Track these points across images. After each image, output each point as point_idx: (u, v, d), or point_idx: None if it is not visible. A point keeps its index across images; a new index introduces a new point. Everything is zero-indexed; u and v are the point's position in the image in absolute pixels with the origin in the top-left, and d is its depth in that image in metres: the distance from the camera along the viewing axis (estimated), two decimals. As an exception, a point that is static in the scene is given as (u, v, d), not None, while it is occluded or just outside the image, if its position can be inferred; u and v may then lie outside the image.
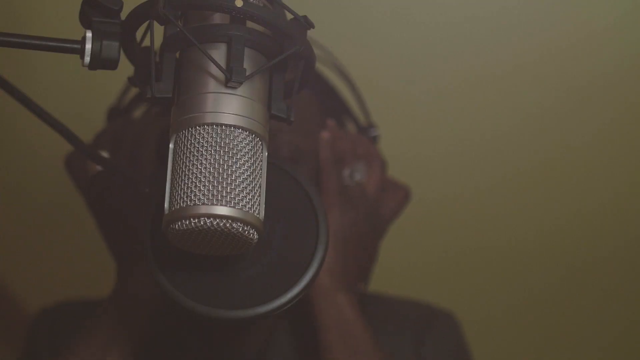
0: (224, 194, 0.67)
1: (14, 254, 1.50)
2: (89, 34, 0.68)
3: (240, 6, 0.67)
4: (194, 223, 0.67)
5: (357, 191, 1.02)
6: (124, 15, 0.70)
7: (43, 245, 1.50)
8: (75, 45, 0.68)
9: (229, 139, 0.68)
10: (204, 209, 0.66)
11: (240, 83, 0.68)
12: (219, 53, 0.69)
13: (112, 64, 0.68)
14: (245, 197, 0.67)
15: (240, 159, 0.68)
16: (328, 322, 0.97)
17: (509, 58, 1.48)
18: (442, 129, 1.51)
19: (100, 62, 0.68)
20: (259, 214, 0.68)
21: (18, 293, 1.50)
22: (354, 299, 0.99)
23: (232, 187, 0.67)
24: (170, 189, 0.69)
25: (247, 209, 0.67)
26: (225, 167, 0.67)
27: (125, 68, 0.74)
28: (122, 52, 0.69)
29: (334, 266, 0.98)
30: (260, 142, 0.70)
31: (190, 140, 0.68)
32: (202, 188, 0.67)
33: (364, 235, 1.02)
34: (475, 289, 1.56)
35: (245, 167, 0.68)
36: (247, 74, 0.69)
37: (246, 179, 0.68)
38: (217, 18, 0.71)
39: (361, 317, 0.98)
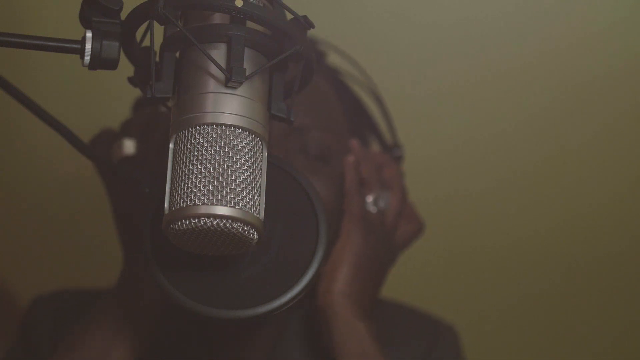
0: (224, 194, 0.67)
1: (10, 250, 1.50)
2: (89, 34, 0.68)
3: (240, 6, 0.67)
4: (194, 223, 0.67)
5: (378, 219, 1.02)
6: (124, 15, 0.70)
7: (40, 241, 1.50)
8: (75, 45, 0.68)
9: (229, 139, 0.68)
10: (203, 209, 0.66)
11: (240, 83, 0.68)
12: (219, 53, 0.69)
13: (112, 64, 0.68)
14: (245, 197, 0.67)
15: (240, 159, 0.68)
16: (348, 351, 0.96)
17: (509, 58, 1.48)
18: (441, 129, 1.51)
19: (100, 62, 0.68)
20: (259, 214, 0.68)
21: (14, 289, 1.50)
22: (373, 327, 0.98)
23: (232, 187, 0.67)
24: (170, 189, 0.69)
25: (247, 209, 0.67)
26: (225, 167, 0.67)
27: (126, 68, 0.74)
28: (122, 52, 0.69)
29: (353, 292, 0.97)
30: (260, 142, 0.70)
31: (190, 140, 0.68)
32: (202, 188, 0.67)
33: (379, 262, 1.01)
34: (475, 290, 1.56)
35: (245, 167, 0.68)
36: (247, 73, 0.69)
37: (246, 179, 0.68)
38: (217, 18, 0.71)
39: (381, 348, 0.97)
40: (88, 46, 0.68)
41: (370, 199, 1.03)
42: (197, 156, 0.67)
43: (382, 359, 0.97)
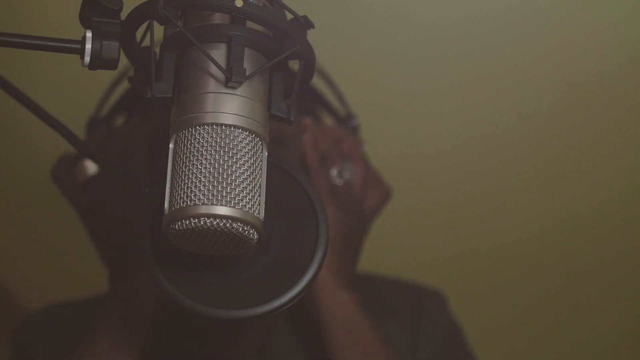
0: (224, 194, 0.67)
1: (13, 253, 1.50)
2: (89, 34, 0.68)
3: (240, 6, 0.67)
4: (194, 223, 0.67)
5: (345, 190, 1.02)
6: (124, 15, 0.70)
7: (42, 244, 1.50)
8: (75, 45, 0.68)
9: (229, 139, 0.68)
10: (204, 209, 0.66)
11: (240, 83, 0.68)
12: (219, 53, 0.69)
13: (112, 64, 0.68)
14: (245, 197, 0.67)
15: (240, 159, 0.68)
16: (336, 322, 0.97)
17: (509, 58, 1.48)
18: (442, 128, 1.51)
19: (100, 62, 0.68)
20: (259, 214, 0.68)
21: (17, 293, 1.50)
22: (357, 296, 0.99)
23: (232, 187, 0.67)
24: (170, 189, 0.69)
25: (247, 209, 0.67)
26: (225, 167, 0.67)
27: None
28: (122, 52, 0.69)
29: (333, 265, 0.98)
30: (260, 142, 0.70)
31: (190, 140, 0.68)
32: (202, 188, 0.67)
33: (353, 233, 1.02)
34: (477, 290, 1.56)
35: (245, 167, 0.68)
36: (247, 73, 0.69)
37: (246, 179, 0.68)
38: (217, 18, 0.71)
39: (367, 315, 0.98)
40: (88, 46, 0.68)
41: (334, 172, 1.03)
42: (197, 156, 0.67)
43: (369, 325, 0.97)
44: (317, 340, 0.99)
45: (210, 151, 0.67)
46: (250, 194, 0.68)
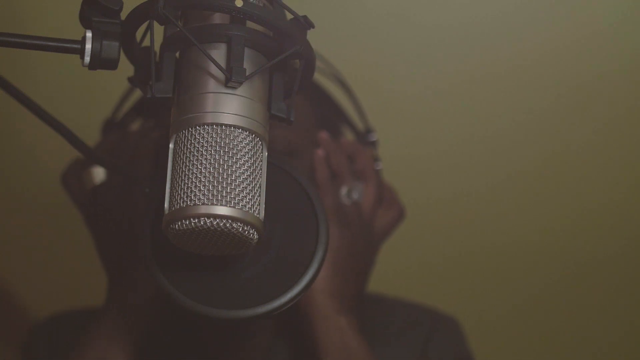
0: (224, 194, 0.67)
1: (15, 258, 1.50)
2: (89, 34, 0.68)
3: (240, 6, 0.67)
4: (194, 223, 0.67)
5: (353, 210, 1.00)
6: (124, 15, 0.70)
7: (45, 249, 1.50)
8: (75, 45, 0.68)
9: (229, 139, 0.68)
10: (204, 209, 0.66)
11: (240, 83, 0.68)
12: (219, 53, 0.70)
13: (112, 64, 0.68)
14: (245, 197, 0.67)
15: (240, 159, 0.68)
16: (331, 346, 0.95)
17: (509, 58, 1.48)
18: (442, 129, 1.51)
19: (100, 62, 0.68)
20: (259, 214, 0.68)
21: (20, 297, 1.50)
22: (355, 322, 0.97)
23: (232, 187, 0.67)
24: (170, 189, 0.69)
25: (247, 209, 0.67)
26: (225, 167, 0.67)
27: (126, 68, 0.74)
28: (122, 52, 0.69)
29: (333, 287, 0.96)
30: (260, 142, 0.70)
31: (190, 140, 0.68)
32: (202, 188, 0.67)
33: (359, 254, 1.00)
34: (478, 291, 1.56)
35: (245, 167, 0.68)
36: (247, 73, 0.69)
37: (246, 179, 0.68)
38: (217, 18, 0.71)
39: (364, 341, 0.96)
40: (88, 46, 0.68)
41: (344, 190, 1.01)
42: (197, 156, 0.67)
43: (365, 351, 0.96)
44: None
45: (210, 151, 0.67)
46: (250, 194, 0.68)
